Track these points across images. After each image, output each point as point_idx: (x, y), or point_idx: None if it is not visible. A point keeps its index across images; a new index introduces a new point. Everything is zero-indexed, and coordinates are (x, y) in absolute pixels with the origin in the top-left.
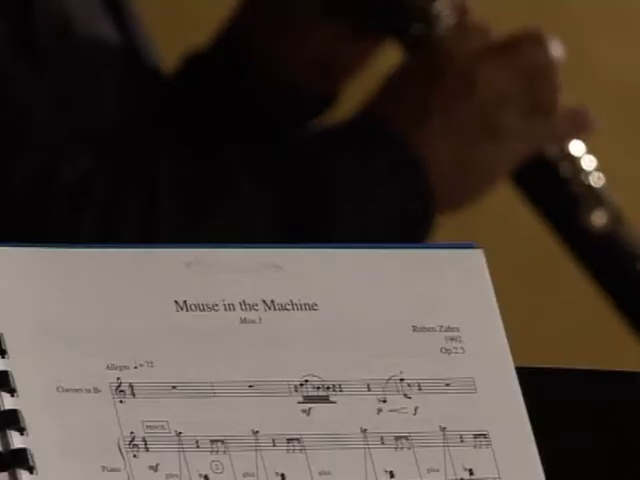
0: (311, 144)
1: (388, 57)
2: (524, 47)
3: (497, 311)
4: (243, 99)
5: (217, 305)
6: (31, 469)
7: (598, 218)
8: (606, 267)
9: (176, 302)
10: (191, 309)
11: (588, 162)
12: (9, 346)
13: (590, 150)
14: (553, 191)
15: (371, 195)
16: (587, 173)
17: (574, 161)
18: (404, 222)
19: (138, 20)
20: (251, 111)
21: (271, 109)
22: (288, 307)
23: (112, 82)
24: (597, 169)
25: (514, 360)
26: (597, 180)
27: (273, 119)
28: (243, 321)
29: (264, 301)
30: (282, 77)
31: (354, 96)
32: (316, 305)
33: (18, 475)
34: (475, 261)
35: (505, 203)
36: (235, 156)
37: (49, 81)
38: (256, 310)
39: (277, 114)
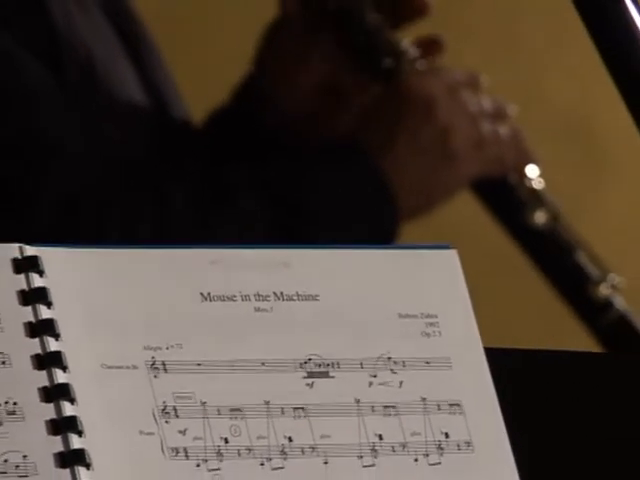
0: (301, 165)
1: None
2: (470, 92)
3: (468, 301)
4: (252, 134)
5: (235, 296)
6: (80, 433)
7: (540, 217)
8: (547, 258)
9: (201, 294)
10: (214, 300)
11: (531, 170)
12: (62, 330)
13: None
14: (503, 196)
15: (349, 203)
16: (530, 180)
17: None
18: (375, 223)
19: (157, 58)
20: (258, 139)
21: (273, 143)
22: (294, 298)
23: (131, 113)
24: (539, 176)
25: (482, 341)
26: (538, 184)
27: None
28: (257, 310)
29: (274, 293)
30: (289, 110)
31: None
32: (318, 296)
33: (69, 438)
34: (450, 260)
35: (468, 208)
36: (239, 176)
37: (79, 111)
38: (268, 301)
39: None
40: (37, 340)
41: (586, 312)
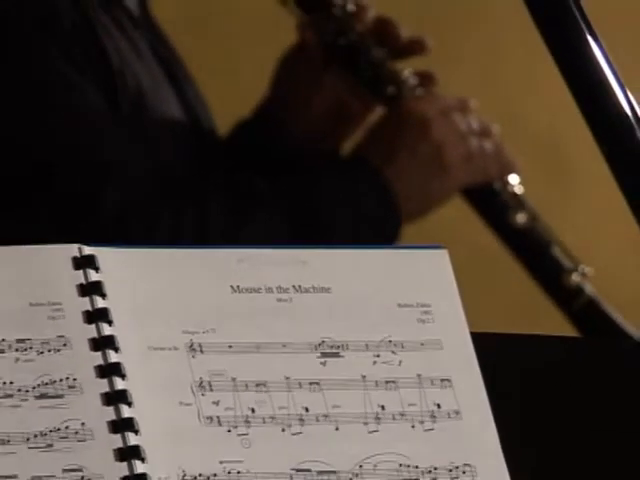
0: (315, 176)
1: None
2: (459, 114)
3: (457, 292)
4: (270, 151)
5: (260, 289)
6: (129, 404)
7: (520, 218)
8: (526, 252)
9: (231, 287)
10: (242, 292)
11: (512, 178)
12: (114, 317)
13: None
14: (489, 200)
15: (358, 209)
16: (512, 186)
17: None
18: (379, 226)
19: (189, 78)
20: (275, 156)
21: (290, 156)
22: (310, 290)
23: (176, 138)
24: (519, 183)
25: (468, 326)
26: (519, 190)
27: (291, 161)
28: (278, 300)
29: (293, 286)
30: (302, 130)
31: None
32: (330, 289)
33: (120, 409)
34: (442, 258)
35: (458, 210)
36: (264, 187)
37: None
38: (287, 293)
39: (295, 159)
40: (93, 326)
41: (560, 298)
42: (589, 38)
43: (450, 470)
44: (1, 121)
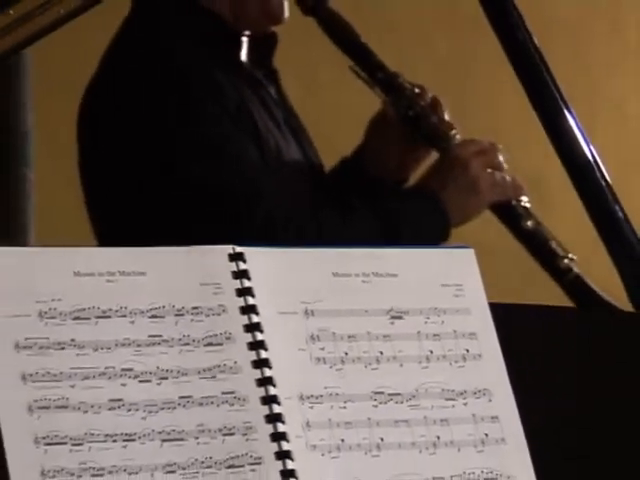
0: (394, 198)
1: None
2: (489, 154)
3: (479, 276)
4: (361, 181)
5: (351, 274)
6: (266, 350)
7: (530, 222)
8: (535, 245)
9: (332, 272)
10: (339, 276)
11: (524, 198)
12: (256, 293)
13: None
14: (508, 212)
15: (423, 222)
16: (524, 202)
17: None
18: (437, 234)
19: (307, 135)
20: (366, 186)
21: (374, 186)
22: (384, 275)
23: (299, 173)
24: (528, 201)
25: (488, 298)
26: (527, 205)
27: (375, 189)
28: (363, 282)
29: (373, 272)
30: (381, 176)
31: None
32: (396, 275)
33: (260, 353)
34: (469, 254)
35: (487, 220)
36: (360, 207)
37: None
38: (369, 277)
39: (377, 188)
40: (242, 298)
41: (557, 274)
42: (562, 104)
43: (474, 393)
44: (190, 164)
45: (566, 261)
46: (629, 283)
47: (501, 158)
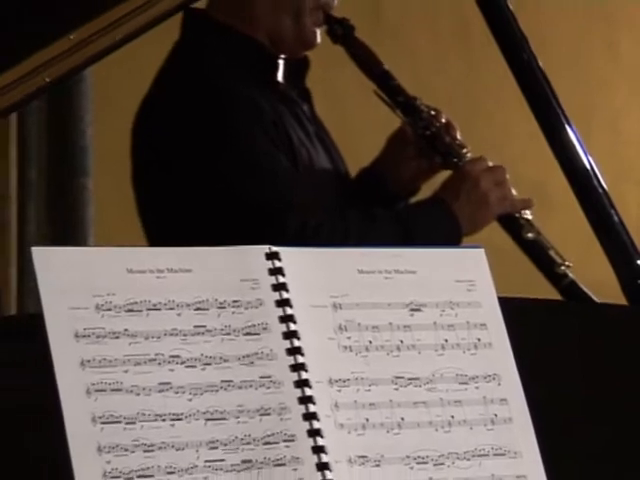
0: (411, 206)
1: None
2: (497, 172)
3: (489, 273)
4: (380, 190)
5: (374, 271)
6: (299, 339)
7: (530, 234)
8: (535, 254)
9: (357, 269)
10: (364, 272)
11: (527, 212)
12: (290, 288)
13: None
14: (512, 223)
15: (437, 228)
16: (526, 214)
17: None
18: (449, 239)
19: (335, 146)
20: (382, 197)
21: (390, 197)
22: (404, 272)
23: (328, 182)
24: (530, 213)
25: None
26: (529, 217)
27: (391, 200)
28: (385, 278)
29: (394, 270)
30: (396, 186)
31: None
32: (415, 272)
33: (293, 341)
34: (480, 253)
35: (494, 230)
36: (381, 213)
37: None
38: (390, 273)
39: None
40: (277, 293)
41: (554, 279)
42: (563, 119)
43: (485, 377)
44: (230, 178)
45: (563, 268)
46: (623, 279)
47: (507, 176)
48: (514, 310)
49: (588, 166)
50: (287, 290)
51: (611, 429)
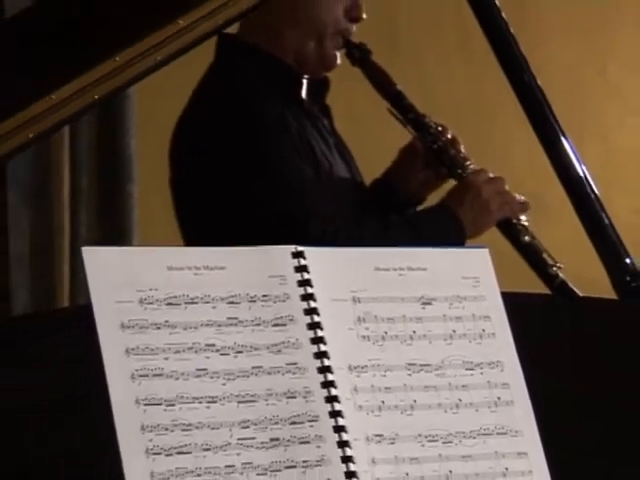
0: (420, 214)
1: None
2: (497, 182)
3: (493, 271)
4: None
5: (389, 268)
6: (321, 329)
7: (526, 237)
8: (530, 256)
9: (375, 267)
10: (380, 270)
11: (523, 216)
12: (314, 284)
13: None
14: (510, 228)
15: (443, 233)
16: (523, 220)
17: (519, 218)
18: (454, 239)
19: (352, 157)
20: (392, 204)
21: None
22: (415, 269)
23: (346, 191)
24: (526, 220)
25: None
26: (526, 223)
27: (401, 207)
28: (399, 275)
29: (407, 267)
30: (406, 194)
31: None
32: (426, 269)
33: (317, 332)
34: (485, 253)
35: (493, 234)
36: (393, 220)
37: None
38: (403, 270)
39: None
40: (302, 288)
41: (546, 278)
42: (560, 134)
43: (489, 364)
44: (258, 189)
45: (554, 269)
46: (614, 276)
47: (506, 186)
48: (515, 303)
49: (582, 175)
50: (311, 285)
51: (603, 424)
